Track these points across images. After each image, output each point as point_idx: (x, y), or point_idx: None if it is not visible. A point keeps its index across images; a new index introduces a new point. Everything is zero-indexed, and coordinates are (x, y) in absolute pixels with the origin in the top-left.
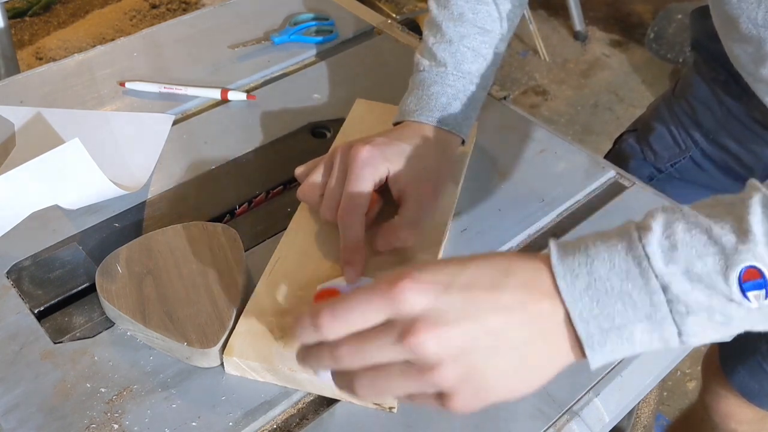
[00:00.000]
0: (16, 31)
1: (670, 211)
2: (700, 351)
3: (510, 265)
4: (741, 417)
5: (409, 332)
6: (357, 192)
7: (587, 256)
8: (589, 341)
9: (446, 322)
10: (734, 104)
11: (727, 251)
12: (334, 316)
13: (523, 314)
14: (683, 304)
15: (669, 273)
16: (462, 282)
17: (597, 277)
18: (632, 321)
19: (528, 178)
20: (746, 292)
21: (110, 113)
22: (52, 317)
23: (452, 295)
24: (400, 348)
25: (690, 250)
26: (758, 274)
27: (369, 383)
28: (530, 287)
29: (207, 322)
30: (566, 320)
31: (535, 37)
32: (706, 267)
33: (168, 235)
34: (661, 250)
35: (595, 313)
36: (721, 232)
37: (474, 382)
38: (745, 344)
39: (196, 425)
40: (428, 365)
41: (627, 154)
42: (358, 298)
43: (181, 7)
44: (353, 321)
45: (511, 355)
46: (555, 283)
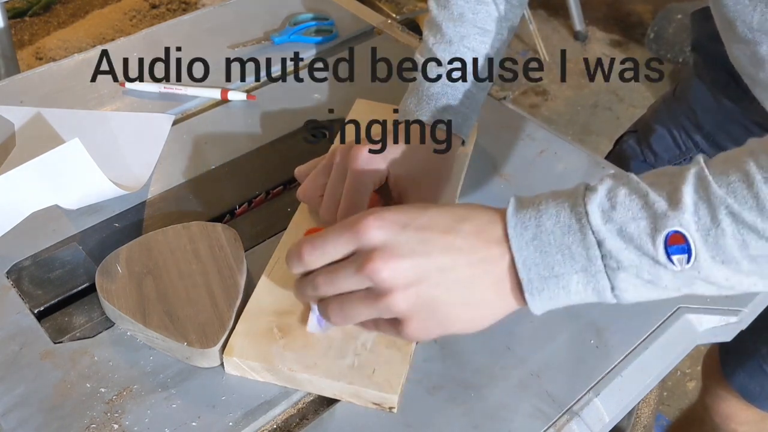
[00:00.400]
0: (16, 31)
1: (618, 177)
2: (700, 351)
3: (467, 213)
4: (741, 418)
5: (367, 260)
6: (357, 192)
7: (538, 210)
8: (529, 287)
9: (400, 254)
10: (734, 107)
11: (657, 216)
12: (313, 247)
13: (472, 256)
14: (615, 260)
15: (605, 230)
16: (420, 223)
17: (543, 229)
18: (569, 272)
19: (528, 178)
20: (671, 255)
21: (110, 113)
22: (52, 317)
23: (409, 233)
24: (360, 275)
25: (626, 212)
26: (682, 239)
27: (338, 309)
28: (482, 234)
29: (207, 322)
30: (511, 266)
31: (535, 37)
32: (638, 229)
33: (168, 235)
34: (601, 210)
35: (537, 261)
36: (656, 198)
37: (423, 310)
38: (745, 346)
39: (196, 425)
40: (383, 291)
41: (627, 155)
42: (332, 232)
43: (181, 7)
44: (327, 251)
45: (458, 290)
46: (506, 232)
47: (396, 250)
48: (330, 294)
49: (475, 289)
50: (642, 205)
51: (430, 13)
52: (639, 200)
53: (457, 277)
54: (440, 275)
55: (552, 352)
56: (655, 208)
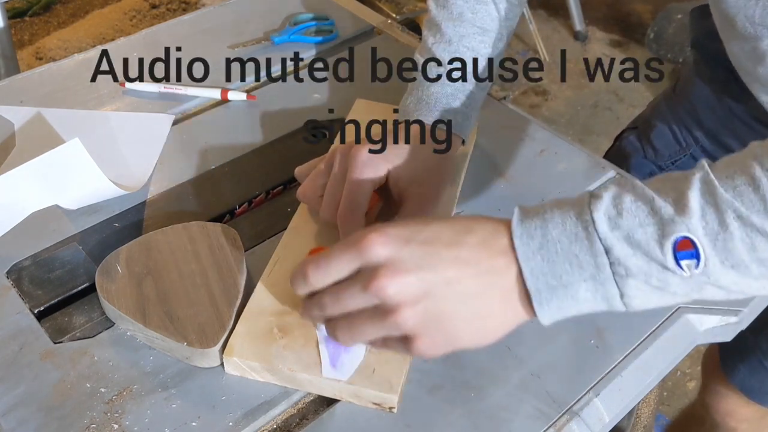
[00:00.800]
0: (16, 31)
1: (622, 184)
2: (699, 351)
3: (471, 225)
4: (741, 415)
5: (372, 278)
6: (357, 192)
7: (543, 219)
8: (537, 297)
9: (405, 270)
10: (734, 104)
11: (664, 222)
12: (318, 266)
13: (478, 268)
14: (623, 267)
15: (612, 237)
16: (423, 237)
17: (549, 238)
18: (577, 280)
19: (528, 178)
20: (680, 260)
21: (110, 113)
22: (52, 317)
23: (413, 248)
24: (366, 293)
25: (633, 218)
26: (691, 245)
27: (347, 328)
28: (488, 245)
29: (207, 322)
30: (518, 277)
31: (535, 37)
32: (646, 235)
33: (168, 235)
34: (608, 217)
35: (545, 270)
36: (662, 204)
37: (432, 326)
38: (745, 342)
39: (196, 425)
40: (390, 308)
41: (628, 151)
42: (335, 251)
43: (181, 7)
44: (332, 271)
45: (466, 304)
46: (512, 242)
47: (401, 265)
48: (337, 313)
49: (483, 302)
50: (648, 211)
51: (429, 13)
52: (645, 206)
53: (464, 290)
54: (447, 288)
55: (552, 352)
56: (662, 213)
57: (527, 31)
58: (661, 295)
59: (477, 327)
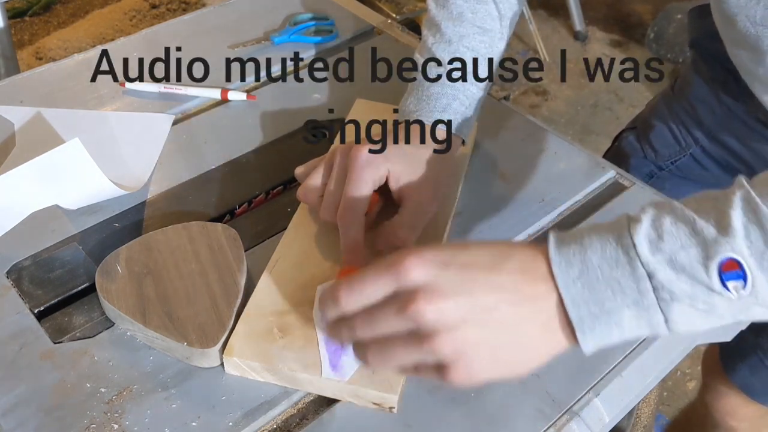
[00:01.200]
0: (16, 31)
1: (660, 206)
2: (699, 351)
3: (509, 250)
4: (741, 414)
5: (409, 302)
6: (356, 193)
7: (581, 245)
8: (580, 325)
9: (443, 294)
10: (734, 103)
11: (708, 243)
12: (351, 289)
13: (517, 295)
14: (667, 292)
15: (654, 261)
16: (461, 261)
17: (589, 265)
18: (620, 306)
19: (528, 178)
20: (726, 282)
21: (110, 113)
22: (52, 317)
23: (451, 272)
24: (401, 317)
25: (675, 241)
26: (737, 266)
27: (378, 352)
28: (526, 271)
29: (207, 322)
30: (559, 305)
31: (535, 37)
32: (689, 257)
33: (168, 235)
34: (648, 241)
35: (586, 298)
36: (703, 225)
37: (469, 353)
38: (746, 341)
39: (196, 425)
40: (426, 333)
41: (627, 151)
42: (370, 273)
43: (181, 7)
44: (365, 293)
45: (504, 331)
46: (550, 269)
47: (439, 289)
48: (368, 336)
49: (522, 329)
50: (690, 232)
51: (429, 13)
52: (686, 228)
53: (503, 317)
54: (485, 315)
55: None
56: (704, 234)
57: (527, 31)
58: (707, 318)
59: (515, 356)
